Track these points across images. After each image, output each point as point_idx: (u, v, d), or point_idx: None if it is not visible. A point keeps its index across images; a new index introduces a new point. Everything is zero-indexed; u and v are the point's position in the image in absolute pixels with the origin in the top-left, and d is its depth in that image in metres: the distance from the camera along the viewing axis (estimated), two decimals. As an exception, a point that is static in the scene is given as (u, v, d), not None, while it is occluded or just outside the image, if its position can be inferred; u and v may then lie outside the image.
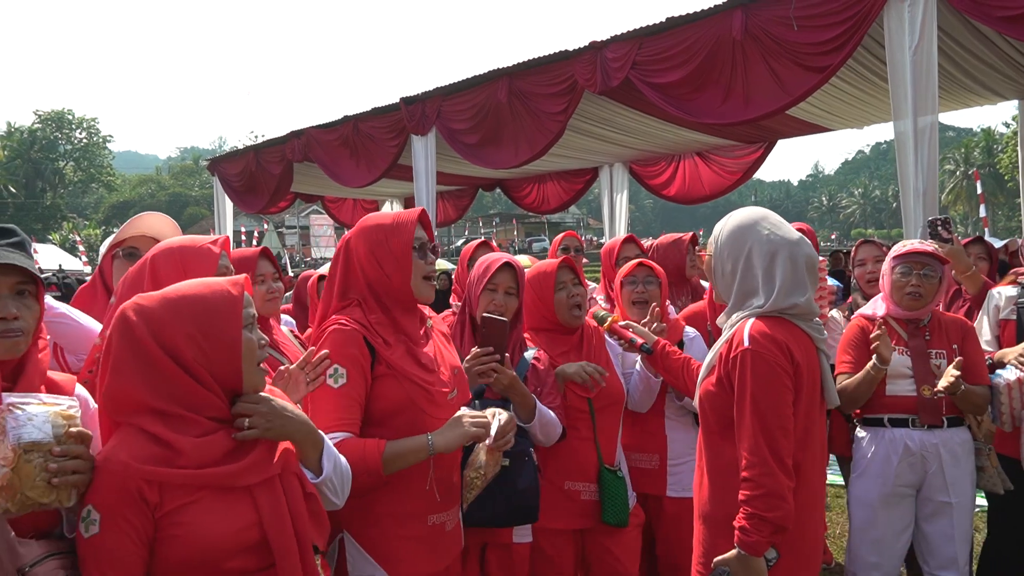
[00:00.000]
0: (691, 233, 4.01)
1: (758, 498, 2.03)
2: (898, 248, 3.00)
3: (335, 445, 1.91)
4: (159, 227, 2.88)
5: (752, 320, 2.19)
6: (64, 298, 2.60)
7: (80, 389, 1.77)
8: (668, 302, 3.26)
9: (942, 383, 2.74)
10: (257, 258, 2.86)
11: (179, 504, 1.50)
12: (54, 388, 1.68)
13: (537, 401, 2.52)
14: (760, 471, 2.04)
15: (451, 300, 3.68)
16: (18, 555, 1.50)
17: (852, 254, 4.03)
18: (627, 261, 3.51)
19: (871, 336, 2.83)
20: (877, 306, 3.06)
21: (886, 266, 3.02)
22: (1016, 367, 2.87)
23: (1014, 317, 3.14)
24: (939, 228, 3.46)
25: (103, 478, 1.48)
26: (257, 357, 1.65)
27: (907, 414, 2.89)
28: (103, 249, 2.75)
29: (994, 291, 3.28)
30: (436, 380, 2.15)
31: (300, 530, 1.63)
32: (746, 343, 2.13)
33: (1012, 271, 3.41)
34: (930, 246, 2.97)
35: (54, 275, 3.50)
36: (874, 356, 2.81)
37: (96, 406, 1.75)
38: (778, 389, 2.09)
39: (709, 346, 2.99)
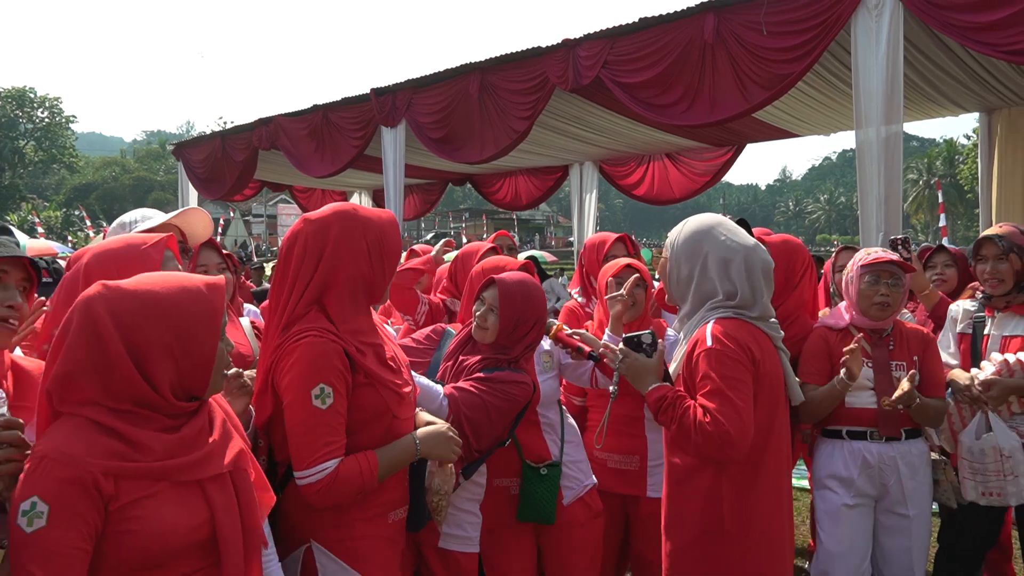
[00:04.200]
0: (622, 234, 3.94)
1: (706, 434, 2.15)
2: (864, 257, 2.93)
3: (329, 476, 1.88)
4: (197, 224, 2.72)
5: (712, 322, 2.25)
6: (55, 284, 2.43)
7: None
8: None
9: (896, 394, 2.66)
10: (199, 251, 2.74)
11: (136, 497, 1.44)
12: (21, 375, 1.66)
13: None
14: (730, 416, 2.14)
15: (441, 293, 3.63)
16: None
17: (832, 260, 4.05)
18: (614, 259, 3.48)
19: (844, 350, 2.72)
20: (839, 315, 2.99)
21: (852, 274, 2.94)
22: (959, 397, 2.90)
23: (970, 331, 3.14)
24: (899, 248, 3.53)
25: (52, 468, 1.38)
26: (225, 365, 1.61)
27: (866, 426, 2.82)
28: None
29: (953, 305, 3.28)
30: (403, 381, 2.12)
31: (248, 527, 1.60)
32: (709, 343, 2.21)
33: (970, 285, 3.42)
34: (895, 255, 2.93)
35: (42, 260, 3.35)
36: (842, 370, 2.72)
37: None
38: (742, 380, 2.18)
39: None
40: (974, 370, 2.96)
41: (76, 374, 1.46)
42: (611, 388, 2.58)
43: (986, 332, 3.10)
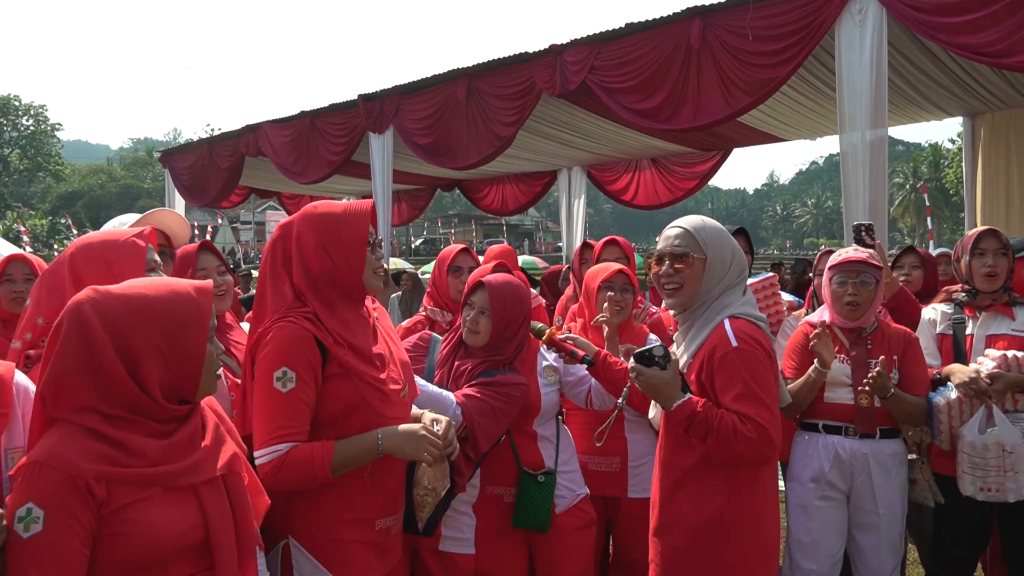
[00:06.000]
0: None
1: (749, 440, 2.10)
2: (834, 258, 3.01)
3: (279, 458, 1.89)
4: (171, 223, 2.72)
5: (727, 321, 2.24)
6: None
7: (20, 376, 1.70)
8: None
9: (865, 381, 2.72)
10: (196, 254, 2.74)
11: (128, 501, 1.45)
12: None
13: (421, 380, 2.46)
14: (767, 418, 2.12)
15: (425, 302, 3.58)
16: None
17: (814, 263, 4.08)
18: (605, 263, 3.48)
19: (810, 336, 2.85)
20: (823, 314, 3.06)
21: (825, 277, 3.04)
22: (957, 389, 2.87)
23: (950, 332, 3.16)
24: (863, 234, 3.51)
25: (46, 474, 1.40)
26: (214, 367, 1.62)
27: (843, 422, 2.89)
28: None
29: (928, 308, 3.31)
30: (388, 378, 2.10)
31: (242, 531, 1.62)
32: (734, 343, 2.18)
33: (944, 288, 3.44)
34: (864, 253, 2.97)
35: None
36: (815, 360, 2.82)
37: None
38: (770, 380, 2.20)
39: None
40: (974, 364, 2.96)
41: (66, 378, 1.46)
42: (619, 401, 2.58)
43: (968, 332, 3.11)
